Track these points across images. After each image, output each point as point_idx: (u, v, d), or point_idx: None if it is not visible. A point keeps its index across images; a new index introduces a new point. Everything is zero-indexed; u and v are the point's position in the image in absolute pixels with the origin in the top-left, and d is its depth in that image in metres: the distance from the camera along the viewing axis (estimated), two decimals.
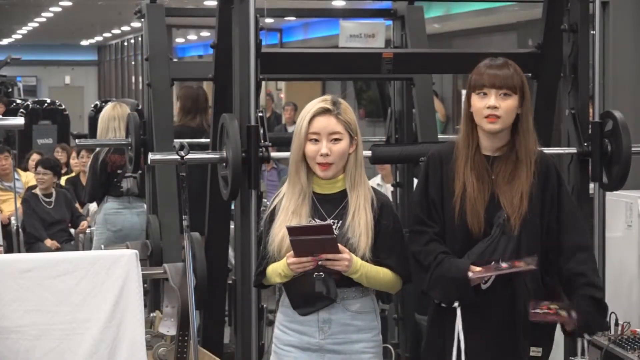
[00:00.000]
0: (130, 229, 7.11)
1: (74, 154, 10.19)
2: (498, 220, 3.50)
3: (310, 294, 3.51)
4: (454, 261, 3.48)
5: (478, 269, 3.44)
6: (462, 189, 3.52)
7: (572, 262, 3.51)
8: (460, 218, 3.52)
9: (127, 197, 7.19)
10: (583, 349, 3.62)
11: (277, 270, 3.55)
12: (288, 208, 3.56)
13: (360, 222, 3.52)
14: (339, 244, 3.44)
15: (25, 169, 10.31)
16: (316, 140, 3.54)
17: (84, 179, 8.81)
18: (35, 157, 9.93)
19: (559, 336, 3.64)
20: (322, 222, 3.49)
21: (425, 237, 3.54)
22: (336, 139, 3.54)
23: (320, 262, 3.43)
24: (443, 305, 3.53)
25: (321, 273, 3.48)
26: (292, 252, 3.46)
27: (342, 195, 3.58)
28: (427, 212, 3.56)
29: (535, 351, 3.55)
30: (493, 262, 3.45)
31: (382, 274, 3.55)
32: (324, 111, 3.55)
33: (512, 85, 3.49)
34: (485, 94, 3.49)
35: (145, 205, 7.00)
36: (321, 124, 3.54)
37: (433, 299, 3.56)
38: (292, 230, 3.43)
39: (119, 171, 7.17)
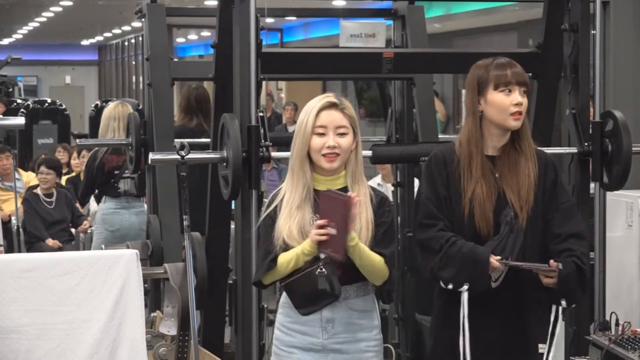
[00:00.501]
0: (128, 229, 7.11)
1: (74, 154, 10.20)
2: (505, 219, 3.52)
3: (313, 292, 3.51)
4: (472, 244, 3.48)
5: (498, 257, 3.45)
6: (471, 191, 3.53)
7: (562, 245, 3.52)
8: (468, 220, 3.53)
9: (126, 197, 7.19)
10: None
11: (294, 253, 3.51)
12: (292, 203, 3.56)
13: (361, 217, 3.53)
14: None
15: (33, 170, 10.31)
16: (322, 134, 3.55)
17: None
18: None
19: (559, 336, 3.63)
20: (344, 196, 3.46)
21: (437, 227, 3.54)
22: (342, 133, 3.56)
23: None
24: (450, 287, 3.48)
25: (324, 270, 3.49)
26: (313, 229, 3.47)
27: (343, 192, 3.58)
28: (438, 207, 3.56)
29: (542, 348, 3.56)
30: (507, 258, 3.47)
31: (374, 256, 3.52)
32: (331, 105, 3.57)
33: (528, 82, 3.59)
34: (510, 90, 3.54)
35: (144, 205, 7.00)
36: (328, 117, 3.56)
37: (442, 280, 3.51)
38: (324, 196, 3.47)
39: (116, 172, 7.17)
